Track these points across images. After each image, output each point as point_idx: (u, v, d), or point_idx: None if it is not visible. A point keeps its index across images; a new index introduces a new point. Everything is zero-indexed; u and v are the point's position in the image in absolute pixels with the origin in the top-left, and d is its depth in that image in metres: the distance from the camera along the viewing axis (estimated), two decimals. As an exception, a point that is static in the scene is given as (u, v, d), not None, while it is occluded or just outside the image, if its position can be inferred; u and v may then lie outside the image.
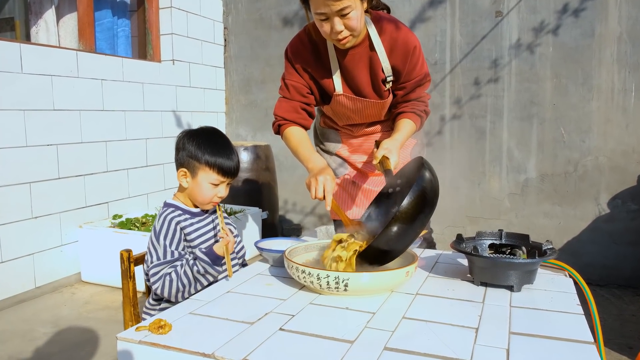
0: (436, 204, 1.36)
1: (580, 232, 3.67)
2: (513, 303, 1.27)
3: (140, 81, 3.86)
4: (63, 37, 3.62)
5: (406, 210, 1.27)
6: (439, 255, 1.77)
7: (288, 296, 1.31)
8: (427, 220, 1.35)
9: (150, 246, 1.57)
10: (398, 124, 1.83)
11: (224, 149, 1.61)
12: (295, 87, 1.87)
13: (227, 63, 4.80)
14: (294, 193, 4.63)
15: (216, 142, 1.62)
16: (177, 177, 1.63)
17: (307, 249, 1.57)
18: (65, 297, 3.13)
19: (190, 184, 1.61)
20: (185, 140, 1.61)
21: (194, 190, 1.61)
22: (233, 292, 1.34)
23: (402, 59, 1.81)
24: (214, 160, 1.58)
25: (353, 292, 1.27)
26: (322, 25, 1.65)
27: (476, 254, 1.41)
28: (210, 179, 1.58)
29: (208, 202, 1.62)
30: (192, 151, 1.58)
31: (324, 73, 1.86)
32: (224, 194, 1.64)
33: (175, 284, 1.52)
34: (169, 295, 1.53)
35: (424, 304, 1.27)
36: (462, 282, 1.45)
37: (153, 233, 1.57)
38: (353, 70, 1.84)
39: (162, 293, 1.53)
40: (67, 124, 3.28)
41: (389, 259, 1.37)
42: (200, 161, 1.58)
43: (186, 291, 1.53)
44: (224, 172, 1.60)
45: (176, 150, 1.63)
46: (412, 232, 1.31)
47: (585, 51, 3.56)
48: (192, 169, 1.59)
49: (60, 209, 3.26)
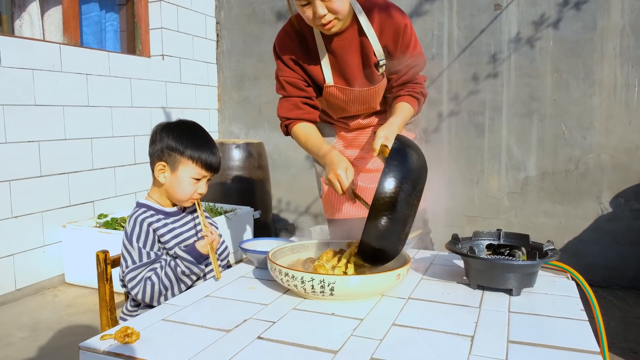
0: (420, 178, 1.27)
1: (581, 232, 3.61)
2: (512, 308, 1.20)
3: (128, 76, 3.79)
4: (48, 31, 3.54)
5: (382, 196, 1.18)
6: (434, 256, 1.70)
7: (270, 301, 1.23)
8: (413, 200, 1.25)
9: (124, 250, 1.49)
10: (394, 108, 1.75)
11: (206, 143, 1.55)
12: (290, 83, 1.80)
13: (219, 59, 4.75)
14: (288, 192, 4.57)
15: (199, 136, 1.55)
16: (153, 172, 1.55)
17: (293, 250, 1.49)
18: (47, 300, 3.06)
19: (168, 179, 1.53)
20: (163, 133, 1.53)
21: (173, 186, 1.53)
22: (212, 297, 1.26)
23: (393, 39, 1.73)
24: (198, 154, 1.51)
25: (340, 297, 1.19)
26: (304, 11, 1.58)
27: (472, 255, 1.34)
28: (191, 173, 1.52)
29: (188, 198, 1.54)
30: (173, 144, 1.51)
31: (313, 64, 1.79)
32: (204, 190, 1.57)
33: (157, 287, 1.45)
34: (151, 300, 1.46)
35: (416, 309, 1.19)
36: (458, 285, 1.38)
37: (125, 236, 1.49)
38: (343, 56, 1.77)
39: (143, 298, 1.46)
40: (49, 119, 3.21)
41: (386, 254, 1.30)
42: (183, 154, 1.51)
43: (169, 294, 1.46)
44: (207, 166, 1.53)
45: (151, 143, 1.55)
46: (399, 217, 1.21)
47: (587, 45, 3.50)
48: (171, 163, 1.52)
49: (42, 208, 3.19)
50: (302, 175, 4.45)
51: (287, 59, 1.79)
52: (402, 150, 1.29)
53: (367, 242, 1.23)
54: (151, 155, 1.56)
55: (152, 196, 1.59)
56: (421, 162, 1.32)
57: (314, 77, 1.81)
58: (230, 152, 3.99)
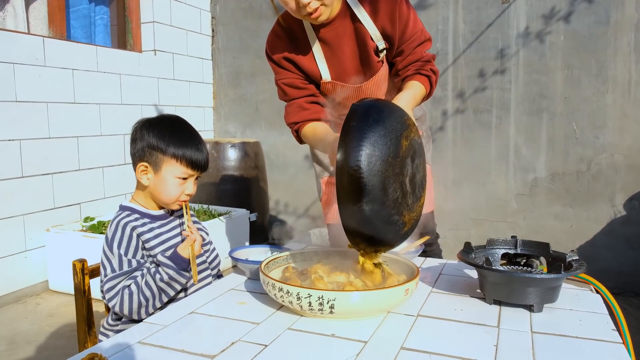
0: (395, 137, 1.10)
1: (594, 236, 3.52)
2: (534, 327, 1.08)
3: (118, 72, 3.70)
4: (33, 24, 3.43)
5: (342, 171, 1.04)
6: (443, 265, 1.58)
7: (263, 319, 1.11)
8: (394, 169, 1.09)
9: (104, 257, 1.37)
10: (404, 87, 1.61)
11: (191, 139, 1.44)
12: (289, 84, 1.69)
13: (214, 55, 4.69)
14: (285, 193, 4.49)
15: (181, 131, 1.44)
16: (135, 173, 1.44)
17: (290, 259, 1.37)
18: (28, 309, 2.94)
19: (152, 180, 1.42)
20: (144, 130, 1.42)
21: (157, 188, 1.42)
22: (197, 314, 1.14)
23: (390, 19, 1.61)
24: (182, 152, 1.40)
25: (341, 315, 1.07)
26: (287, 3, 1.46)
27: (489, 268, 1.22)
28: (176, 173, 1.41)
29: (174, 200, 1.44)
30: (154, 142, 1.40)
31: (307, 60, 1.68)
32: (193, 190, 1.46)
33: (136, 298, 1.33)
34: (130, 312, 1.34)
35: (426, 328, 1.07)
36: (472, 299, 1.26)
37: (105, 241, 1.37)
38: (338, 47, 1.65)
39: (121, 310, 1.34)
40: (32, 117, 3.11)
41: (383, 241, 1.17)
42: (165, 152, 1.40)
43: (150, 305, 1.34)
44: (193, 164, 1.42)
45: (132, 142, 1.44)
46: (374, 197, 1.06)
47: (600, 40, 3.40)
48: (154, 163, 1.41)
49: (24, 211, 3.09)
50: (301, 176, 4.38)
51: (280, 59, 1.68)
52: (362, 107, 1.10)
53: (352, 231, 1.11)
54: (132, 155, 1.45)
55: (136, 199, 1.47)
56: (394, 115, 1.13)
57: (310, 74, 1.69)
58: (225, 151, 3.88)
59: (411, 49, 1.65)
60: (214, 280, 1.55)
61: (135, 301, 1.33)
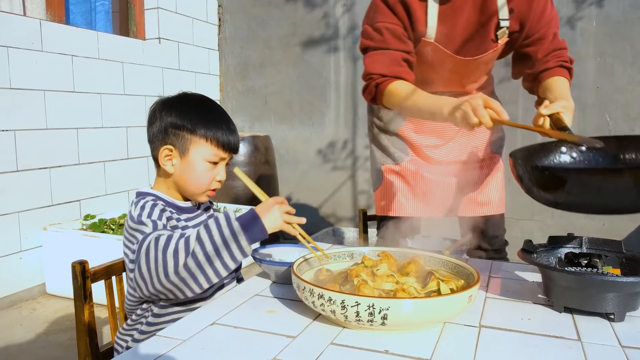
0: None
1: (628, 235, 3.40)
2: (623, 341, 0.93)
3: (120, 60, 3.59)
4: (30, 8, 3.29)
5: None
6: (489, 265, 1.43)
7: (299, 331, 0.95)
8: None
9: (128, 235, 1.18)
10: (550, 85, 1.50)
11: (221, 118, 1.28)
12: (391, 31, 1.49)
13: (221, 45, 4.62)
14: (297, 190, 4.39)
15: (209, 110, 1.28)
16: (157, 160, 1.27)
17: (322, 260, 1.21)
18: (24, 315, 2.81)
19: (178, 166, 1.25)
20: (164, 109, 1.26)
21: (185, 174, 1.25)
22: (219, 325, 0.98)
23: (525, 2, 1.48)
24: (212, 132, 1.24)
25: (394, 327, 0.91)
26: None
27: (562, 269, 1.06)
28: (206, 155, 1.25)
29: (205, 189, 1.28)
30: (179, 121, 1.24)
31: (419, 7, 1.49)
32: (224, 176, 1.30)
33: (173, 243, 1.08)
34: (155, 261, 1.07)
35: (495, 342, 0.92)
36: (536, 306, 1.11)
37: (130, 220, 1.18)
38: (457, 9, 1.48)
39: (146, 263, 1.08)
40: (27, 105, 2.98)
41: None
42: (194, 132, 1.23)
43: (181, 264, 1.06)
44: (225, 145, 1.26)
45: (150, 125, 1.28)
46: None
47: (636, 25, 3.28)
48: (180, 146, 1.24)
49: (19, 208, 2.96)
50: (313, 171, 4.26)
51: (395, 2, 1.48)
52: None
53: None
54: (152, 139, 1.28)
55: (157, 190, 1.31)
56: None
57: (414, 26, 1.51)
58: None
59: (550, 36, 1.53)
60: (234, 285, 1.38)
61: (171, 247, 1.06)
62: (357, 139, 4.12)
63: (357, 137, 4.12)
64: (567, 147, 1.35)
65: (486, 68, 1.60)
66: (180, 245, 1.07)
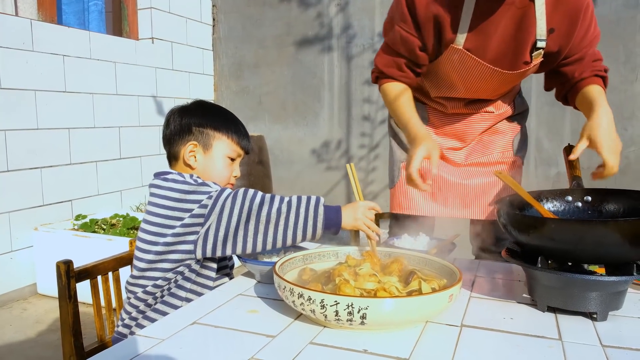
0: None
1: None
2: (604, 340, 0.93)
3: (112, 60, 3.59)
4: (22, 8, 3.29)
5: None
6: (477, 264, 1.43)
7: (279, 331, 0.95)
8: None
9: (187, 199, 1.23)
10: (588, 95, 1.45)
11: (237, 121, 1.43)
12: (404, 40, 1.48)
13: (215, 45, 4.63)
14: (291, 189, 4.41)
15: (227, 113, 1.44)
16: (178, 155, 1.35)
17: (306, 259, 1.21)
18: (14, 315, 2.81)
19: (201, 161, 1.35)
20: (184, 113, 1.37)
21: (208, 168, 1.35)
22: (200, 324, 0.98)
23: (570, 20, 1.41)
24: (232, 130, 1.38)
25: (373, 326, 0.91)
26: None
27: (543, 269, 1.06)
28: (227, 152, 1.37)
29: (226, 182, 1.38)
30: (202, 120, 1.35)
31: (450, 11, 1.43)
32: (239, 173, 1.43)
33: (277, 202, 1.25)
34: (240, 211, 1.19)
35: (476, 341, 0.92)
36: (520, 305, 1.11)
37: (184, 187, 1.24)
38: (492, 20, 1.42)
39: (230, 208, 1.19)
40: (18, 106, 2.98)
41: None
42: (217, 129, 1.36)
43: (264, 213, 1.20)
44: (242, 144, 1.41)
45: (167, 126, 1.37)
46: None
47: (629, 24, 3.29)
48: (204, 142, 1.34)
49: (10, 208, 2.96)
50: (307, 171, 4.27)
51: (426, 16, 1.44)
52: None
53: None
54: (171, 137, 1.36)
55: None
56: None
57: (442, 29, 1.46)
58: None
59: (591, 55, 1.49)
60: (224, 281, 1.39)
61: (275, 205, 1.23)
62: (351, 138, 4.12)
63: (351, 137, 4.12)
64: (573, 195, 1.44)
65: (513, 83, 1.58)
66: (267, 199, 1.22)
